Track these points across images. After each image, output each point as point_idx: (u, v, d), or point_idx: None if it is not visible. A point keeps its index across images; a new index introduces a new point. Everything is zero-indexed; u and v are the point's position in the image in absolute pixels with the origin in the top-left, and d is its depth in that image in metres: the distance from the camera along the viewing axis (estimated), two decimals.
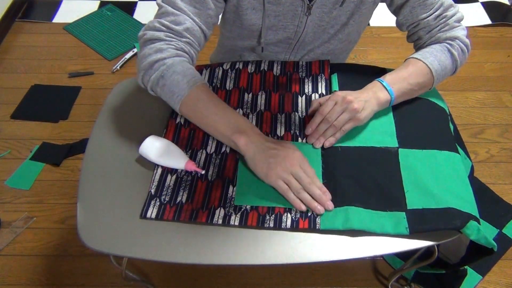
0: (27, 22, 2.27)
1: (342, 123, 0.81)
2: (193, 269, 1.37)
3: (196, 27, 0.84)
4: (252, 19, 0.92)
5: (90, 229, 0.73)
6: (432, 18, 0.88)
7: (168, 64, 0.79)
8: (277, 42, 0.99)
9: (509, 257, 1.41)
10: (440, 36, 0.89)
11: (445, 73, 0.89)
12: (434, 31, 0.90)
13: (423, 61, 0.86)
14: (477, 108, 1.89)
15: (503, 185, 1.60)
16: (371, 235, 0.73)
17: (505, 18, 2.30)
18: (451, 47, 0.88)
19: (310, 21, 0.92)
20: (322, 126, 0.82)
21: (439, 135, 0.86)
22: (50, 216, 1.50)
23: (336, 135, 0.83)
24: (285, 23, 0.93)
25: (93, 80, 1.98)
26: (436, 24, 0.89)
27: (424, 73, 0.86)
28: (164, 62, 0.79)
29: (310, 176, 0.75)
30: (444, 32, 0.89)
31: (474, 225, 0.72)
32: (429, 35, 0.90)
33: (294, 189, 0.74)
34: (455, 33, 0.88)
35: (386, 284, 1.34)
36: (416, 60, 0.87)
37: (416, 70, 0.86)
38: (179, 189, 0.78)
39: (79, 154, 1.68)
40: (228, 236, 0.73)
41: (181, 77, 0.79)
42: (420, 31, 0.91)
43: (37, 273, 1.36)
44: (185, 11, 0.82)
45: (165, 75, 0.79)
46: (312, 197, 0.74)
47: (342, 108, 0.81)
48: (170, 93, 0.80)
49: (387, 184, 0.78)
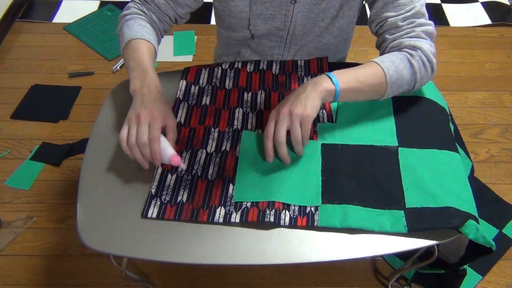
0: (27, 22, 2.27)
1: (299, 135, 0.75)
2: (193, 269, 1.37)
3: (163, 1, 0.92)
4: (239, 6, 0.93)
5: (90, 229, 0.73)
6: (400, 19, 0.84)
7: (126, 18, 0.91)
8: (267, 33, 1.00)
9: (509, 257, 1.41)
10: (403, 41, 0.84)
11: (401, 83, 0.82)
12: (399, 35, 0.85)
13: (379, 64, 0.80)
14: (477, 108, 1.89)
15: (503, 185, 1.60)
16: (371, 234, 0.73)
17: (505, 18, 2.30)
18: (411, 57, 0.81)
19: (298, 10, 0.93)
20: (282, 149, 0.77)
21: (439, 134, 0.86)
22: (50, 216, 1.50)
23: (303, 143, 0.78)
24: (272, 11, 0.94)
25: (93, 80, 1.98)
26: (402, 27, 0.85)
27: (377, 76, 0.80)
28: (124, 17, 0.92)
29: (149, 138, 0.75)
30: (408, 38, 0.84)
31: (473, 224, 0.72)
32: (393, 38, 0.86)
33: (130, 139, 0.75)
34: (420, 43, 0.82)
35: (386, 284, 1.34)
36: (372, 63, 0.82)
37: (370, 71, 0.80)
38: (179, 189, 0.78)
39: (79, 154, 1.68)
40: (229, 236, 0.73)
41: (127, 29, 0.88)
42: (385, 33, 0.88)
43: (37, 273, 1.36)
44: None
45: (121, 28, 0.91)
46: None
47: (285, 125, 0.75)
48: (121, 42, 0.90)
49: (386, 183, 0.78)
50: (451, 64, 2.09)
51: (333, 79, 0.77)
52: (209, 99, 0.93)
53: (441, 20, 2.31)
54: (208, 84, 0.96)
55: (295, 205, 0.76)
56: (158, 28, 0.95)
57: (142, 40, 0.86)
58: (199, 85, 0.96)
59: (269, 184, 0.78)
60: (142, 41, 0.86)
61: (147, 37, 0.88)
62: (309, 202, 0.76)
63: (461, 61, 2.10)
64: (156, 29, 0.94)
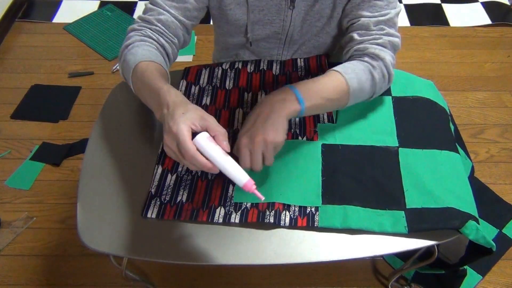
0: (27, 22, 2.27)
1: (271, 162, 0.74)
2: (193, 269, 1.37)
3: (171, 19, 0.86)
4: (237, 14, 0.93)
5: (90, 229, 0.73)
6: (373, 22, 0.85)
7: (129, 48, 0.82)
8: (266, 37, 1.00)
9: (509, 257, 1.41)
10: (369, 47, 0.84)
11: (361, 95, 0.84)
12: (367, 39, 0.85)
13: (343, 75, 0.80)
14: (477, 108, 1.89)
15: (503, 185, 1.60)
16: (371, 235, 0.73)
17: (505, 18, 2.30)
18: (373, 69, 0.83)
19: (296, 14, 0.93)
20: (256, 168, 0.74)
21: (440, 134, 0.86)
22: (50, 216, 1.50)
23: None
24: (270, 17, 0.94)
25: (93, 80, 1.98)
26: (372, 32, 0.85)
27: (340, 90, 0.80)
28: (127, 47, 0.83)
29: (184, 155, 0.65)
30: (375, 45, 0.84)
31: (473, 225, 0.72)
32: (361, 40, 0.86)
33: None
34: (383, 54, 0.83)
35: (386, 284, 1.34)
36: (337, 74, 0.81)
37: (334, 85, 0.80)
38: (179, 189, 0.78)
39: (79, 154, 1.68)
40: (228, 236, 0.73)
41: (132, 56, 0.80)
42: (354, 33, 0.87)
43: (37, 273, 1.36)
44: (161, 5, 0.86)
45: (125, 58, 0.82)
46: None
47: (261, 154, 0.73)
48: (126, 74, 0.81)
49: (386, 183, 0.78)
50: (451, 64, 2.09)
51: (299, 97, 0.76)
52: (209, 99, 0.93)
53: (441, 20, 2.31)
54: (209, 84, 0.96)
55: (295, 205, 0.76)
56: (166, 52, 0.87)
57: (149, 62, 0.78)
58: (199, 85, 0.96)
59: (269, 184, 0.78)
60: (149, 63, 0.78)
61: (155, 59, 0.80)
62: (309, 202, 0.76)
63: (461, 61, 2.10)
64: (163, 53, 0.86)
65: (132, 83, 0.80)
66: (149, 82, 0.75)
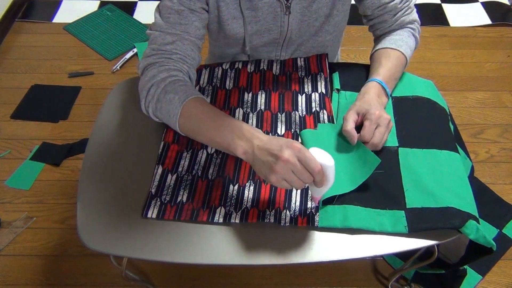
0: (27, 22, 2.27)
1: (383, 143, 0.82)
2: (193, 269, 1.36)
3: (186, 42, 0.85)
4: (235, 28, 0.93)
5: (90, 229, 0.73)
6: (398, 1, 0.94)
7: (161, 87, 0.80)
8: (264, 45, 1.00)
9: (509, 257, 1.41)
10: (404, 19, 0.96)
11: (412, 54, 0.97)
12: (399, 15, 0.95)
13: (399, 50, 0.93)
14: (477, 108, 1.89)
15: (503, 185, 1.60)
16: (371, 234, 0.73)
17: (505, 18, 2.30)
18: (414, 31, 0.98)
19: (292, 18, 0.93)
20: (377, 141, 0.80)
21: (439, 134, 0.86)
22: (50, 216, 1.50)
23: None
24: (267, 26, 0.94)
25: (93, 80, 1.98)
26: (401, 7, 0.95)
27: (403, 63, 0.93)
28: (158, 85, 0.80)
29: (311, 165, 0.65)
30: (407, 15, 0.96)
31: (473, 224, 0.72)
32: (395, 19, 0.95)
33: (297, 187, 0.68)
34: (414, 16, 0.98)
35: (386, 284, 1.34)
36: (394, 51, 0.93)
37: (398, 63, 0.92)
38: (179, 189, 0.78)
39: (79, 154, 1.68)
40: (229, 236, 0.73)
41: (173, 95, 0.79)
42: (385, 15, 0.96)
43: (37, 273, 1.36)
44: (171, 31, 0.84)
45: (160, 98, 0.80)
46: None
47: (385, 129, 0.80)
48: (167, 114, 0.80)
49: (386, 183, 0.78)
50: (451, 64, 2.09)
51: (387, 91, 0.89)
52: (209, 99, 0.93)
53: (441, 20, 2.31)
54: (209, 84, 0.96)
55: (295, 204, 0.76)
56: (190, 78, 0.87)
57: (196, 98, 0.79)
58: (199, 85, 0.96)
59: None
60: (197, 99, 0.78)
61: (196, 93, 0.80)
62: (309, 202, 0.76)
63: (461, 61, 2.10)
64: (189, 80, 0.86)
65: (181, 123, 0.79)
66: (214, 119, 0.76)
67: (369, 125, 0.79)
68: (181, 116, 0.78)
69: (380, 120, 0.79)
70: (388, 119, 0.80)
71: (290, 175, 0.64)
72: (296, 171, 0.64)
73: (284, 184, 0.65)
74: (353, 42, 2.12)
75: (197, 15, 0.86)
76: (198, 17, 0.86)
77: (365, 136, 0.79)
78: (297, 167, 0.64)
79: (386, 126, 0.80)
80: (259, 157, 0.67)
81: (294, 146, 0.64)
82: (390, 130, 0.82)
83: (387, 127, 0.80)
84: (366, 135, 0.79)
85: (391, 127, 0.82)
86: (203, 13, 0.88)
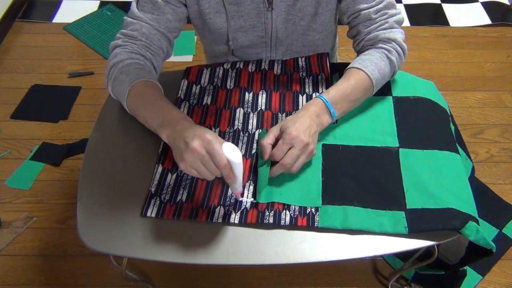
0: (27, 22, 2.27)
1: (299, 166, 0.77)
2: (193, 269, 1.36)
3: (154, 31, 0.88)
4: (218, 23, 0.94)
5: (90, 229, 0.73)
6: (373, 11, 0.87)
7: (119, 67, 0.84)
8: (251, 44, 0.99)
9: (509, 257, 1.41)
10: (379, 35, 0.87)
11: (384, 80, 0.88)
12: (373, 27, 0.88)
13: (364, 70, 0.84)
14: (477, 108, 1.89)
15: (503, 185, 1.60)
16: (371, 235, 0.73)
17: (505, 18, 2.30)
18: (389, 53, 0.86)
19: (276, 16, 0.93)
20: (278, 169, 0.76)
21: (440, 135, 0.86)
22: (50, 216, 1.50)
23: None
24: (251, 22, 0.94)
25: (93, 80, 1.98)
26: (376, 20, 0.88)
27: (365, 86, 0.84)
28: (116, 66, 0.84)
29: (216, 157, 0.66)
30: (383, 31, 0.88)
31: (473, 225, 0.72)
32: (368, 31, 0.89)
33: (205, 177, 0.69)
34: (394, 34, 0.87)
35: (386, 284, 1.34)
36: (358, 71, 0.85)
37: (358, 83, 0.84)
38: (179, 188, 0.78)
39: (79, 154, 1.68)
40: (228, 236, 0.73)
41: (125, 76, 0.82)
42: (359, 25, 0.90)
43: (37, 273, 1.36)
44: (142, 18, 0.87)
45: (116, 77, 0.83)
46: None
47: (299, 152, 0.75)
48: (119, 93, 0.83)
49: (387, 184, 0.78)
50: (451, 64, 2.09)
51: (331, 111, 0.82)
52: (210, 99, 0.93)
53: (441, 20, 2.31)
54: (210, 84, 0.96)
55: (295, 205, 0.76)
56: (153, 66, 0.89)
57: (145, 81, 0.81)
58: (200, 84, 0.96)
59: (270, 184, 0.78)
60: (146, 82, 0.81)
61: (149, 77, 0.82)
62: (309, 203, 0.76)
63: (461, 61, 2.10)
64: (151, 68, 0.88)
65: (128, 103, 0.82)
66: (152, 102, 0.78)
67: (281, 144, 0.75)
68: (128, 96, 0.81)
69: (294, 141, 0.74)
70: (305, 142, 0.74)
71: (198, 164, 0.67)
72: (204, 162, 0.66)
73: (193, 172, 0.68)
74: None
75: (171, 8, 0.88)
76: (172, 10, 0.89)
77: (274, 155, 0.75)
78: (204, 158, 0.66)
79: (300, 149, 0.74)
80: (175, 142, 0.70)
81: (204, 137, 0.66)
82: (310, 156, 0.77)
83: (303, 151, 0.75)
84: (275, 154, 0.75)
85: (312, 153, 0.76)
86: (180, 7, 0.90)
